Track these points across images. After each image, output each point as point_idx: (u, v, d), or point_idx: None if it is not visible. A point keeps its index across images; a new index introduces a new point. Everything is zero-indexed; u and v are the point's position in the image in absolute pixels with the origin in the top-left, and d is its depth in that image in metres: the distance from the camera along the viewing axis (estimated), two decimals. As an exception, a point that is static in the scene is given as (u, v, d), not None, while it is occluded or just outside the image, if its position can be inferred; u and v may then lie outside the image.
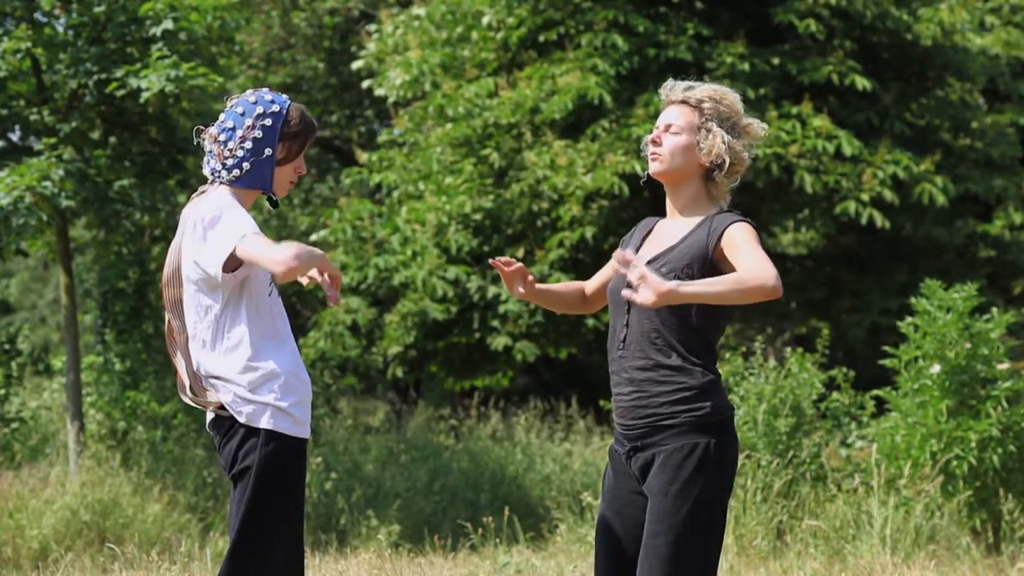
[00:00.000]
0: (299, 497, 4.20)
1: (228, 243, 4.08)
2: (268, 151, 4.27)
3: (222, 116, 4.31)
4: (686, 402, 4.01)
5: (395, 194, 14.32)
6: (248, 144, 4.26)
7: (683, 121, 4.17)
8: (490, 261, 4.45)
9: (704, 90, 4.20)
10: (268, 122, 4.27)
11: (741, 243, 4.02)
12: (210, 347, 4.20)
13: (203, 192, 4.32)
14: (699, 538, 3.98)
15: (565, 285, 4.52)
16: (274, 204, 4.43)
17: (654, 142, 4.20)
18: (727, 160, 4.14)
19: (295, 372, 4.21)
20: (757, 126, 4.23)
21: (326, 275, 4.23)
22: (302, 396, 4.22)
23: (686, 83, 4.25)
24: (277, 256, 4.00)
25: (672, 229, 4.20)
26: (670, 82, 4.27)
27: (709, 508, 3.98)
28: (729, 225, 4.06)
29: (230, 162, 4.27)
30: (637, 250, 4.24)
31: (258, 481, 4.12)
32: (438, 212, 13.29)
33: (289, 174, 4.36)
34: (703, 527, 3.98)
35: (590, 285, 4.49)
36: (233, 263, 4.13)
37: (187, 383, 4.27)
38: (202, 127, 4.36)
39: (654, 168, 4.20)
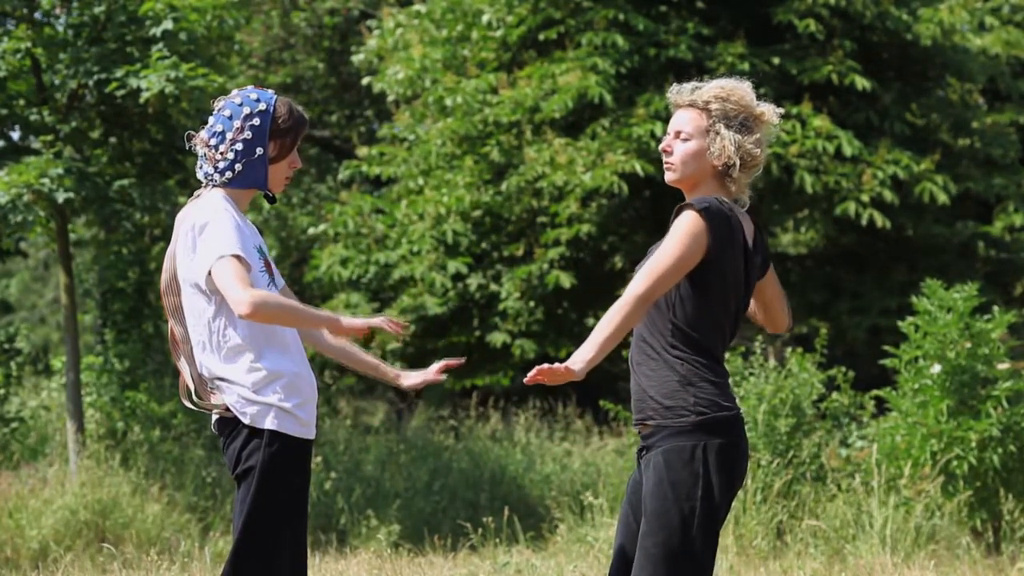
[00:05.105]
0: (302, 498, 4.19)
1: (207, 261, 4.08)
2: (259, 150, 4.26)
3: (211, 120, 4.30)
4: (667, 398, 4.00)
5: (395, 189, 14.33)
6: (239, 146, 4.24)
7: (692, 127, 4.14)
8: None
9: (711, 90, 4.16)
10: (256, 121, 4.26)
11: (663, 242, 4.02)
12: (211, 349, 4.19)
13: (197, 196, 4.30)
14: (687, 540, 3.95)
15: None
16: (271, 200, 4.42)
17: (665, 151, 4.18)
18: (737, 161, 4.12)
19: (299, 373, 4.20)
20: (770, 112, 4.18)
21: (381, 324, 4.17)
22: (306, 397, 4.21)
23: (693, 84, 4.21)
24: (237, 297, 4.01)
25: None
26: (676, 85, 4.23)
27: (697, 510, 3.95)
28: (678, 215, 4.04)
29: (222, 165, 4.26)
30: None
31: (261, 481, 4.12)
32: (437, 205, 13.31)
33: (284, 170, 4.34)
34: (691, 529, 3.95)
35: None
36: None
37: (192, 388, 4.26)
38: (192, 132, 4.35)
39: (668, 177, 4.18)
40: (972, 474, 8.47)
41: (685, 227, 4.00)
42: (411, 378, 4.47)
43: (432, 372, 4.43)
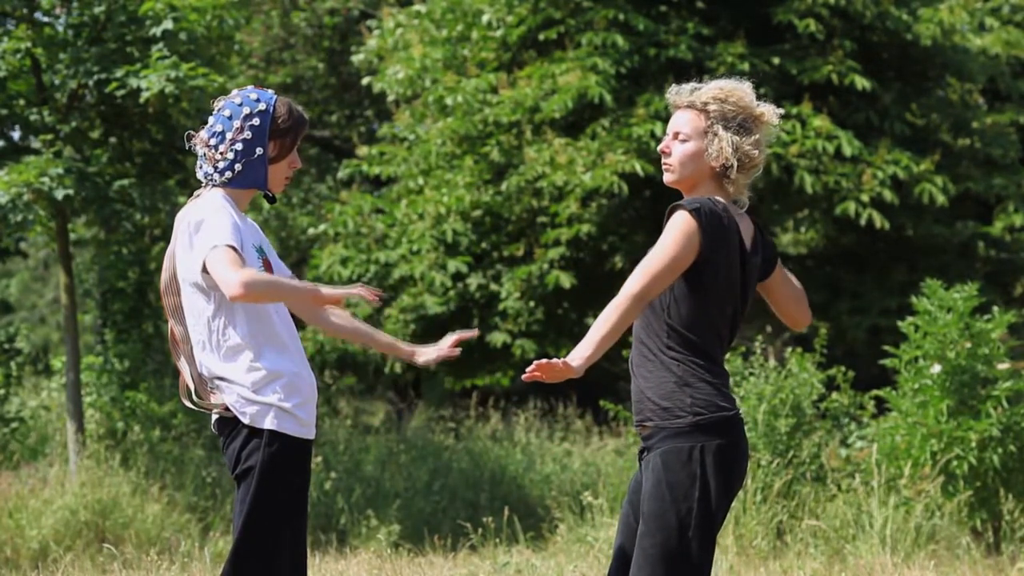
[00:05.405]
0: (302, 498, 4.19)
1: (201, 253, 4.09)
2: (259, 151, 4.26)
3: (210, 120, 4.30)
4: (665, 399, 4.00)
5: (395, 188, 14.34)
6: (238, 146, 4.25)
7: (690, 128, 4.14)
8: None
9: (709, 91, 4.16)
10: (256, 122, 4.26)
11: (657, 242, 4.04)
12: (211, 349, 4.19)
13: (197, 195, 4.31)
14: (684, 541, 3.95)
15: None
16: (271, 200, 4.42)
17: (664, 152, 4.19)
18: (735, 162, 4.12)
19: (299, 372, 4.20)
20: (770, 113, 4.18)
21: (359, 293, 4.15)
22: (306, 397, 4.20)
23: (692, 84, 4.22)
24: (228, 279, 4.00)
25: None
26: (675, 86, 4.23)
27: (695, 511, 3.95)
28: (670, 215, 4.06)
29: (221, 165, 4.26)
30: None
31: (261, 481, 4.12)
32: (437, 204, 13.32)
33: (284, 170, 4.35)
34: (688, 530, 3.95)
35: None
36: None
37: (192, 387, 4.26)
38: (192, 132, 4.35)
39: (667, 178, 4.19)
40: (972, 474, 8.47)
41: (678, 227, 4.01)
42: (426, 354, 4.51)
43: (446, 346, 4.49)
